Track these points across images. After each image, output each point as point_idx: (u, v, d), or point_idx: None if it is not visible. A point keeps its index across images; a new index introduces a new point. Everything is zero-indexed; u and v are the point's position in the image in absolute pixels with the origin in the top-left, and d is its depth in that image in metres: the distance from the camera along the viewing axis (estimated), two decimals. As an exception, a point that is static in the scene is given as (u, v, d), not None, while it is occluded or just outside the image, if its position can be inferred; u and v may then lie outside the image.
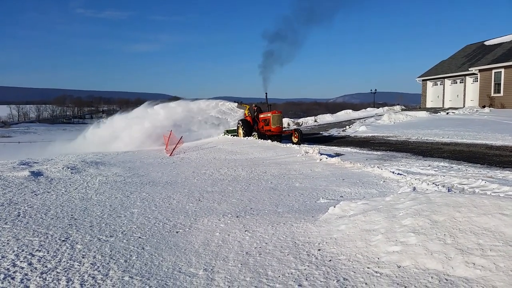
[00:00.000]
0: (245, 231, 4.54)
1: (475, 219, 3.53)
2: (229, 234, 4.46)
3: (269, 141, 15.08)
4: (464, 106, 29.54)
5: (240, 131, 17.90)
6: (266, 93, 19.18)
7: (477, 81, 29.20)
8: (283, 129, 17.78)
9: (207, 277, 3.38)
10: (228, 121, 20.72)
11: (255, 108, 18.90)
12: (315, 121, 32.14)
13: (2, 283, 3.31)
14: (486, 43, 33.33)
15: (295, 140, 16.34)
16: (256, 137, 16.33)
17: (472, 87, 30.38)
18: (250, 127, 17.83)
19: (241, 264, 3.60)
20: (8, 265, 3.66)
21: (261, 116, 17.98)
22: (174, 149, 13.38)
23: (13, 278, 3.39)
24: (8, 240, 4.33)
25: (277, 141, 15.35)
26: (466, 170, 8.68)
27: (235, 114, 20.48)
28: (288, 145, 13.71)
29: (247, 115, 18.87)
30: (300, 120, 33.06)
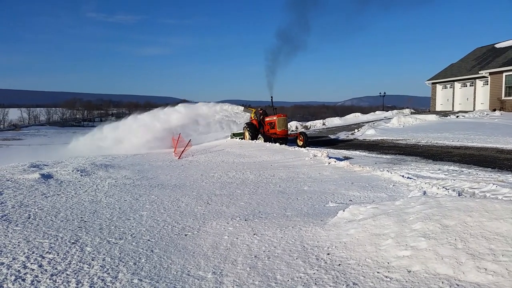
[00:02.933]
0: (254, 234, 4.54)
1: (486, 223, 3.49)
2: (238, 238, 4.46)
3: (277, 144, 15.12)
4: (474, 109, 29.24)
5: (246, 134, 18.19)
6: (271, 97, 19.60)
7: (487, 84, 28.90)
8: (289, 132, 17.96)
9: (215, 281, 3.37)
10: (236, 123, 20.97)
11: (261, 111, 19.25)
12: (324, 124, 32.05)
13: (13, 284, 3.34)
14: (497, 45, 32.98)
15: (300, 143, 16.48)
16: (262, 140, 16.54)
17: (482, 90, 30.07)
18: (256, 130, 18.11)
19: (250, 268, 3.60)
20: (19, 266, 3.70)
21: (267, 119, 18.25)
22: (182, 152, 13.43)
23: (23, 280, 3.42)
24: (19, 242, 4.37)
25: (283, 144, 15.44)
26: (477, 174, 8.58)
27: (242, 117, 20.73)
28: (297, 148, 13.70)
29: (253, 118, 19.19)
30: (309, 123, 32.98)
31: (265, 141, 16.43)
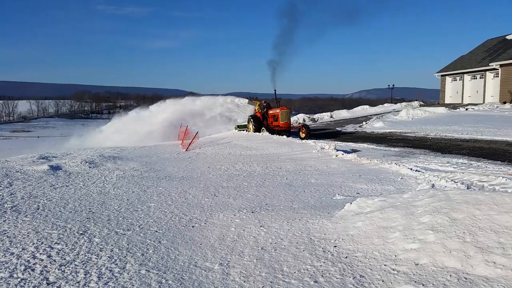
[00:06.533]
0: (261, 226, 4.54)
1: (495, 217, 3.45)
2: (245, 229, 4.47)
3: (284, 136, 15.16)
4: (484, 102, 28.91)
5: (250, 126, 18.63)
6: (275, 90, 20.02)
7: (498, 76, 28.52)
8: (291, 125, 18.23)
9: (222, 272, 3.39)
10: (240, 115, 21.39)
11: (265, 104, 19.67)
12: (331, 117, 31.87)
13: (23, 274, 3.38)
14: (508, 37, 32.47)
15: (302, 135, 16.75)
16: (265, 132, 16.83)
17: (492, 83, 29.68)
18: (259, 122, 18.51)
19: (257, 259, 3.60)
20: (28, 257, 3.74)
21: (270, 112, 18.67)
22: (190, 144, 13.46)
23: (33, 270, 3.46)
24: (28, 233, 4.42)
25: (285, 136, 15.61)
26: (486, 167, 8.50)
27: (246, 109, 21.15)
28: (304, 141, 13.67)
29: (257, 111, 19.64)
30: (316, 116, 32.79)
31: (270, 133, 16.66)
